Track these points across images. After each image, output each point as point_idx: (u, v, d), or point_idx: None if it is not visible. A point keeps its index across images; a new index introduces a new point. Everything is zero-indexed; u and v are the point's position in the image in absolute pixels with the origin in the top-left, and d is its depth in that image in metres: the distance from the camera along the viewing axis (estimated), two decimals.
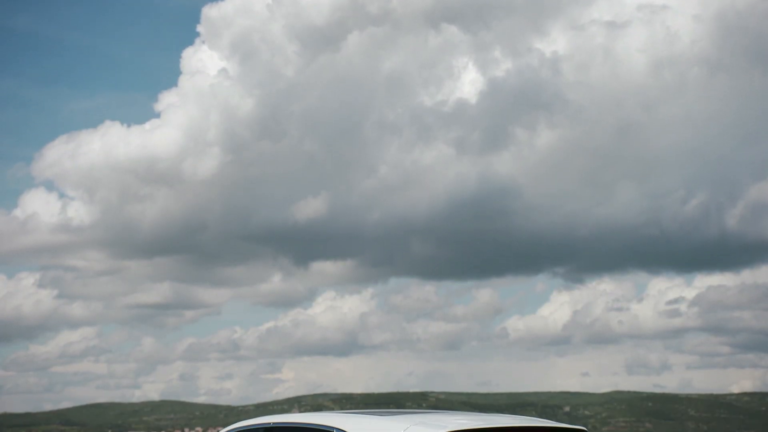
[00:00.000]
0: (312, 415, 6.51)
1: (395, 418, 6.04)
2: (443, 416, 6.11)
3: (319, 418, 6.37)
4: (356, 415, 6.29)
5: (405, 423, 5.81)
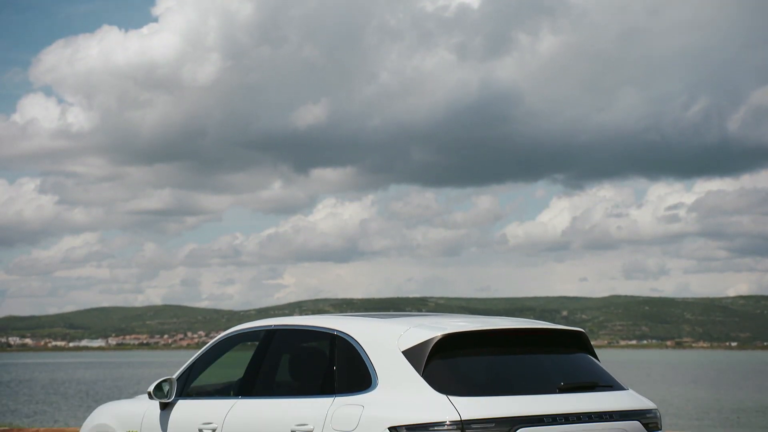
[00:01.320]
0: (313, 317, 6.60)
1: (395, 320, 6.12)
2: (442, 319, 6.19)
3: (320, 320, 6.45)
4: (357, 318, 6.37)
5: (405, 325, 5.89)
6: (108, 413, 7.77)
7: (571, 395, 5.65)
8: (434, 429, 5.23)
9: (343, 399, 5.76)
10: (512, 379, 5.69)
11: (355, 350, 5.94)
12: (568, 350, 6.09)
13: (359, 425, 5.52)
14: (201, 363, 7.24)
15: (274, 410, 6.20)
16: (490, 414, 5.29)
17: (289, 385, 6.60)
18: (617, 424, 5.67)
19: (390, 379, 5.63)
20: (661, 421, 6.03)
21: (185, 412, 6.94)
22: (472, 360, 5.73)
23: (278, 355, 6.67)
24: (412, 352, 5.64)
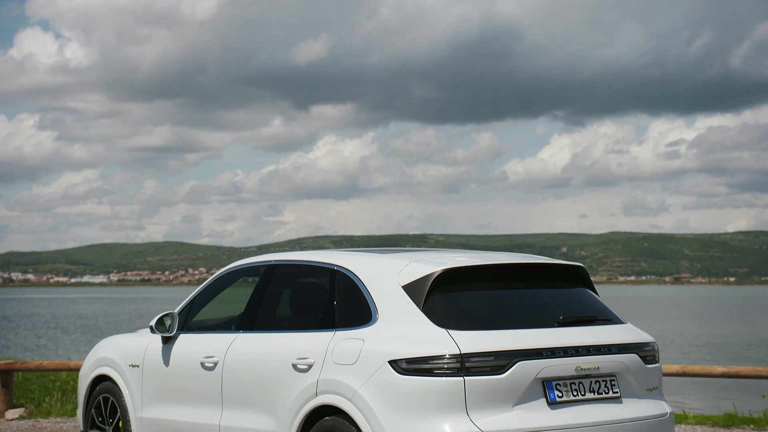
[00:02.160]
0: (313, 253, 6.61)
1: (395, 255, 6.13)
2: (442, 254, 6.20)
3: (320, 256, 6.47)
4: (357, 253, 6.39)
5: (405, 260, 5.90)
6: (110, 347, 7.83)
7: (570, 329, 5.69)
8: (434, 362, 5.27)
9: (343, 333, 5.80)
10: (511, 313, 5.72)
11: (355, 285, 5.96)
12: (567, 285, 6.11)
13: (359, 359, 5.56)
14: (202, 298, 7.27)
15: (275, 344, 6.24)
16: (489, 348, 5.32)
17: (289, 319, 6.64)
18: (615, 357, 5.71)
19: (390, 314, 5.66)
20: (659, 354, 6.08)
21: (187, 346, 6.99)
22: (471, 294, 5.76)
23: (279, 290, 6.70)
24: (412, 287, 5.66)
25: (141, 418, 7.26)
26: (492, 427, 5.23)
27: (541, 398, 5.41)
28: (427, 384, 5.26)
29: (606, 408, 5.60)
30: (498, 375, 5.30)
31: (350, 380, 5.55)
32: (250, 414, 6.24)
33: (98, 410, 7.72)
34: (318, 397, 5.74)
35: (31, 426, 10.96)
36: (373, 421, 5.37)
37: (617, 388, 5.69)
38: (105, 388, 7.67)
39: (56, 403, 12.25)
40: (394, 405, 5.32)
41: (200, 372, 6.70)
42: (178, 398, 6.94)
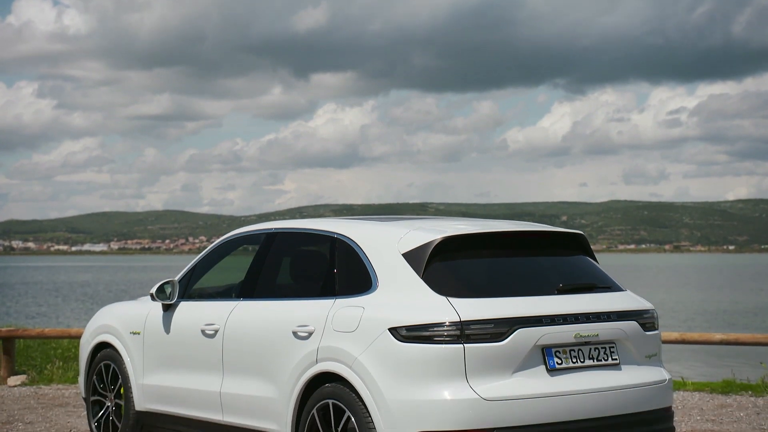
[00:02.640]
0: (314, 221, 6.61)
1: (396, 223, 6.13)
2: (443, 222, 6.20)
3: (320, 224, 6.47)
4: (357, 221, 6.38)
5: (405, 228, 5.90)
6: (111, 314, 7.86)
7: (570, 296, 5.70)
8: (434, 330, 5.29)
9: (343, 301, 5.81)
10: (511, 280, 5.73)
11: (355, 253, 5.96)
12: (567, 252, 6.11)
13: (359, 326, 5.58)
14: (202, 266, 7.28)
15: (275, 311, 6.26)
16: (489, 315, 5.34)
17: (290, 287, 6.65)
18: (615, 324, 5.73)
19: (390, 282, 5.67)
20: (658, 321, 6.10)
21: (188, 314, 7.01)
22: (471, 262, 5.77)
23: (279, 257, 6.70)
24: (412, 255, 5.67)
25: (142, 384, 7.29)
26: (491, 393, 5.25)
27: (540, 365, 5.43)
28: (427, 351, 5.28)
29: (605, 375, 5.62)
30: (498, 342, 5.31)
31: (350, 347, 5.57)
32: (251, 381, 6.27)
33: (100, 377, 7.76)
34: (318, 365, 5.76)
35: (33, 392, 11.02)
36: (373, 388, 5.40)
37: (616, 355, 5.71)
38: (106, 355, 7.70)
39: (58, 370, 12.31)
40: (394, 372, 5.34)
41: (201, 339, 6.72)
42: (178, 365, 6.97)
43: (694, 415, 9.18)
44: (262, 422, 6.17)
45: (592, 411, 5.49)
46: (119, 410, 7.58)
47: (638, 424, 5.68)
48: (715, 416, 9.14)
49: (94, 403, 7.83)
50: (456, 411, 5.21)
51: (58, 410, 9.75)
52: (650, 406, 5.76)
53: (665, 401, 5.89)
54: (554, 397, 5.38)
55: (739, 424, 8.76)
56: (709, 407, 9.65)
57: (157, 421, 7.23)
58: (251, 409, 6.25)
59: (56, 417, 9.35)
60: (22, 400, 10.45)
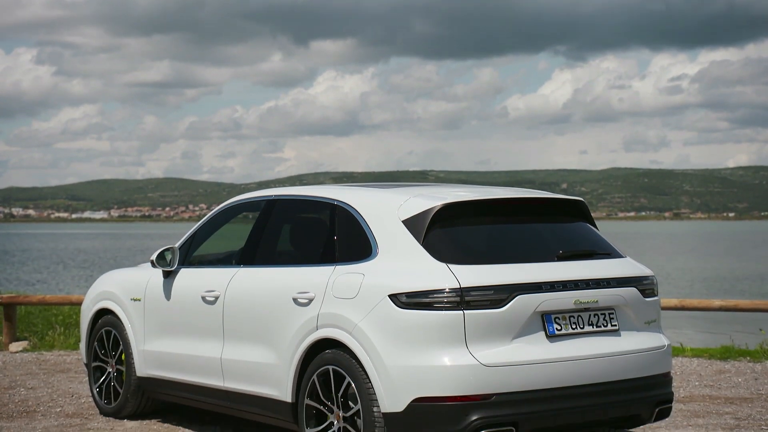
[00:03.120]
0: (314, 188, 6.60)
1: (396, 190, 6.12)
2: (443, 188, 6.19)
3: (320, 190, 6.46)
4: (357, 188, 6.38)
5: (405, 195, 5.90)
6: (112, 281, 7.87)
7: (570, 263, 5.71)
8: (434, 296, 5.30)
9: (343, 267, 5.82)
10: (511, 247, 5.74)
11: (355, 220, 5.96)
12: (567, 219, 6.12)
13: (360, 293, 5.59)
14: (203, 232, 7.28)
15: (275, 278, 6.27)
16: (488, 281, 5.35)
17: (290, 254, 6.66)
18: (614, 290, 5.74)
19: (390, 248, 5.68)
20: (657, 287, 6.11)
21: (188, 280, 7.02)
22: (471, 229, 5.77)
23: (279, 224, 6.71)
24: (412, 222, 5.67)
25: (143, 351, 7.32)
26: (491, 359, 5.27)
27: (540, 331, 5.45)
28: (427, 318, 5.30)
29: (604, 341, 5.64)
30: (497, 309, 5.33)
31: (350, 314, 5.59)
32: (251, 347, 6.30)
33: (101, 343, 7.80)
34: (318, 331, 5.78)
35: (35, 358, 11.07)
36: (373, 354, 5.42)
37: (616, 321, 5.73)
38: (107, 321, 7.73)
39: (59, 336, 12.36)
40: (394, 338, 5.36)
41: (201, 306, 6.74)
42: (179, 332, 7.00)
43: (693, 381, 9.23)
44: (262, 388, 6.20)
45: (591, 377, 5.51)
46: (120, 376, 7.62)
47: (637, 390, 5.71)
48: (714, 382, 9.19)
49: (95, 369, 7.87)
50: (455, 377, 5.23)
51: (59, 376, 9.81)
52: (649, 372, 5.79)
53: (664, 367, 5.92)
54: (554, 363, 5.40)
55: (737, 389, 8.81)
56: (707, 373, 9.70)
57: (158, 386, 7.27)
58: (252, 375, 6.28)
59: (58, 383, 9.40)
60: (24, 366, 10.51)
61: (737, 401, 8.23)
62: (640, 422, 5.86)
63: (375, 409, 5.43)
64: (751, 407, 7.95)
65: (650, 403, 5.78)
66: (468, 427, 5.21)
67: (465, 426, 5.21)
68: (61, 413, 7.92)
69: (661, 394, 5.86)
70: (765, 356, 10.61)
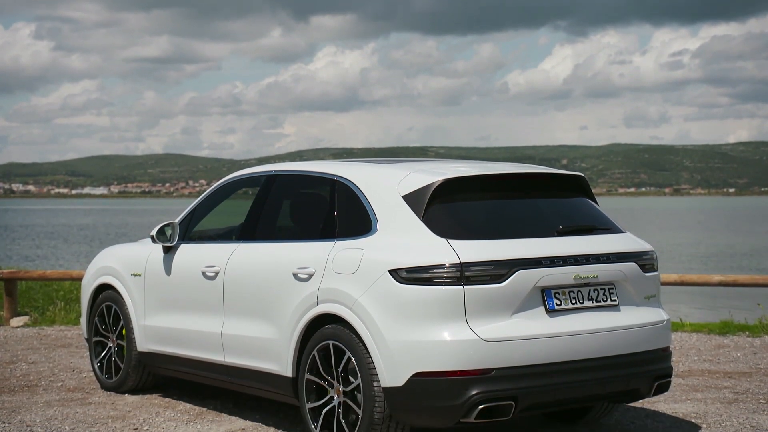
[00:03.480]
0: (314, 163, 6.59)
1: (396, 166, 6.12)
2: (443, 164, 6.19)
3: (320, 166, 6.46)
4: (357, 164, 6.37)
5: (405, 170, 5.89)
6: (112, 256, 7.88)
7: (570, 238, 5.71)
8: (434, 272, 5.31)
9: (343, 243, 5.83)
10: (511, 222, 5.74)
11: (355, 195, 5.96)
12: (567, 194, 6.11)
13: (360, 268, 5.59)
14: (203, 208, 7.29)
15: (275, 254, 6.27)
16: (489, 257, 5.35)
17: (290, 229, 6.66)
18: (614, 265, 5.74)
19: (390, 224, 5.68)
20: (657, 262, 6.11)
21: (188, 256, 7.03)
22: (472, 204, 5.77)
23: (279, 200, 6.70)
24: (412, 197, 5.66)
25: (144, 326, 7.34)
26: (491, 334, 5.29)
27: (539, 306, 5.46)
28: (427, 293, 5.31)
29: (604, 316, 5.66)
30: (497, 284, 5.34)
31: (350, 289, 5.59)
32: (252, 322, 6.31)
33: (101, 318, 7.82)
34: (318, 306, 5.79)
35: (36, 333, 11.11)
36: (373, 329, 5.44)
37: (615, 297, 5.74)
38: (108, 296, 7.74)
39: (60, 311, 12.39)
40: (394, 313, 5.37)
41: (201, 281, 6.75)
42: (180, 307, 7.02)
43: (692, 356, 9.26)
44: (263, 363, 6.22)
45: (590, 351, 5.53)
46: (121, 351, 7.65)
47: (636, 364, 5.73)
48: (713, 356, 9.22)
49: (96, 343, 7.90)
50: (455, 351, 5.25)
51: (61, 351, 9.84)
52: (648, 347, 5.80)
53: (663, 341, 5.93)
54: (553, 337, 5.41)
55: (736, 363, 8.84)
56: (706, 348, 9.73)
57: (158, 361, 7.29)
58: (252, 350, 6.30)
59: (59, 357, 9.43)
60: (25, 341, 10.54)
61: (736, 375, 8.26)
62: (639, 396, 5.88)
63: (375, 383, 5.45)
64: (750, 381, 7.98)
65: (649, 378, 5.80)
66: (468, 402, 5.23)
67: (465, 400, 5.23)
68: (62, 388, 7.96)
69: (660, 369, 5.87)
70: (764, 331, 10.64)
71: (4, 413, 7.02)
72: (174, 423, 6.69)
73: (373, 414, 5.46)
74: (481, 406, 5.23)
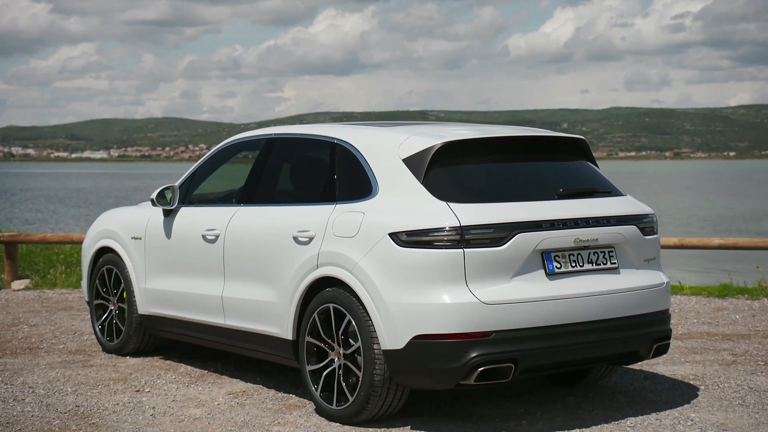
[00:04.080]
0: (314, 126, 6.58)
1: (396, 129, 6.10)
2: (443, 127, 6.17)
3: (320, 129, 6.44)
4: (357, 127, 6.35)
5: (405, 134, 5.88)
6: (112, 219, 7.88)
7: (570, 201, 5.70)
8: (434, 235, 5.31)
9: (344, 206, 5.82)
10: (512, 186, 5.73)
11: (355, 158, 5.95)
12: (567, 157, 6.10)
13: (360, 231, 5.60)
14: (202, 171, 7.28)
15: (276, 217, 6.27)
16: (488, 220, 5.35)
17: (290, 192, 6.65)
18: (614, 228, 5.74)
19: (390, 187, 5.67)
20: (657, 225, 6.12)
21: (188, 219, 7.03)
22: (472, 167, 5.76)
23: (279, 163, 6.69)
24: (412, 160, 5.65)
25: (144, 289, 7.36)
26: (490, 297, 5.30)
27: (539, 269, 5.47)
28: (427, 256, 5.31)
29: (604, 278, 5.67)
30: (497, 247, 5.34)
31: (351, 252, 5.60)
32: (252, 285, 6.33)
33: (102, 281, 7.84)
34: (319, 269, 5.80)
35: (38, 296, 11.14)
36: (373, 292, 5.45)
37: (615, 259, 5.74)
38: (108, 260, 7.76)
39: (61, 275, 12.42)
40: (395, 276, 5.38)
41: (202, 244, 6.76)
42: (180, 270, 7.03)
43: (691, 318, 9.30)
44: (264, 326, 6.24)
45: (590, 314, 5.55)
46: (122, 314, 7.68)
47: (636, 327, 5.75)
48: (712, 319, 9.25)
49: (97, 306, 7.93)
50: (455, 314, 5.26)
51: (62, 313, 9.88)
52: (648, 309, 5.82)
53: (663, 304, 5.95)
54: (553, 300, 5.43)
55: (734, 326, 8.88)
56: (705, 310, 9.76)
57: (159, 324, 7.32)
58: (253, 313, 6.33)
59: (60, 320, 9.47)
60: (27, 304, 10.58)
61: (735, 338, 8.30)
62: (638, 359, 5.91)
63: (375, 346, 5.48)
64: (748, 343, 8.02)
65: (648, 340, 5.83)
66: (467, 364, 5.25)
67: (464, 363, 5.25)
68: (64, 350, 8.00)
69: (660, 331, 5.90)
70: (763, 294, 10.67)
71: (6, 375, 7.06)
72: (175, 385, 6.73)
73: (373, 376, 5.49)
74: (481, 369, 5.26)
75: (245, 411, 6.04)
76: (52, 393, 6.52)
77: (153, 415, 5.97)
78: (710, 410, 5.95)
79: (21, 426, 5.76)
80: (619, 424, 5.65)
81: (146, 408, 6.13)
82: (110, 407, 6.16)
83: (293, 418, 5.88)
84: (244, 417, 5.90)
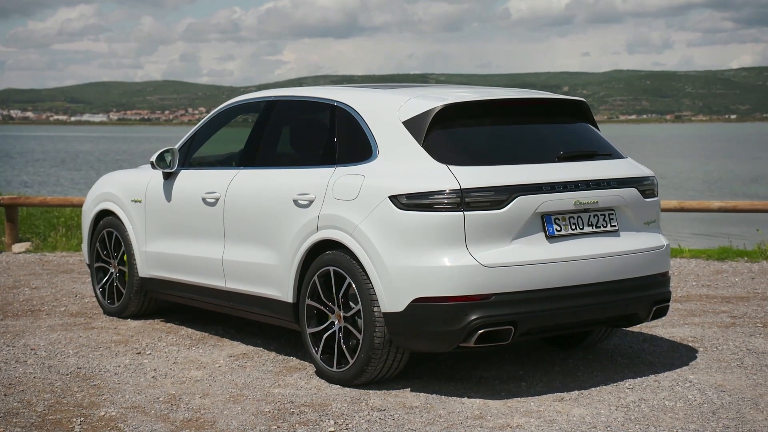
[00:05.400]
0: (313, 89, 6.55)
1: (397, 91, 6.08)
2: (444, 89, 6.14)
3: (320, 91, 6.41)
4: (357, 89, 6.33)
5: (405, 96, 5.85)
6: (112, 182, 7.88)
7: (570, 164, 5.69)
8: (434, 197, 5.30)
9: (344, 169, 5.81)
10: (512, 148, 5.72)
11: (355, 121, 5.93)
12: (568, 120, 6.08)
13: (360, 194, 5.59)
14: (202, 134, 7.25)
15: (276, 180, 6.27)
16: (489, 182, 5.35)
17: (290, 155, 6.64)
18: (615, 191, 5.74)
19: (390, 150, 5.66)
20: (657, 188, 6.11)
21: (188, 182, 7.03)
22: (472, 130, 5.74)
23: (279, 126, 6.67)
24: (412, 123, 5.63)
25: (145, 251, 7.37)
26: (491, 260, 5.31)
27: (539, 232, 5.47)
28: (427, 219, 5.31)
29: (604, 241, 5.67)
30: (497, 210, 5.34)
31: (351, 215, 5.60)
32: (253, 248, 6.33)
33: (102, 244, 7.84)
34: (319, 232, 5.80)
35: (38, 259, 11.16)
36: (373, 255, 5.46)
37: (615, 222, 5.74)
38: (108, 222, 7.76)
39: (61, 238, 12.43)
40: (395, 239, 5.39)
41: (202, 207, 6.76)
42: (180, 233, 7.03)
43: (690, 281, 9.32)
44: (264, 289, 6.26)
45: (590, 276, 5.56)
46: (123, 277, 7.69)
47: (635, 289, 5.77)
48: (711, 282, 9.28)
49: (98, 269, 7.94)
50: (455, 277, 5.27)
51: (63, 276, 9.90)
52: (647, 272, 5.83)
53: (662, 267, 5.96)
54: (553, 263, 5.44)
55: (733, 288, 8.90)
56: (705, 273, 9.78)
57: (160, 287, 7.34)
58: (253, 276, 6.34)
59: (61, 283, 9.50)
60: (27, 267, 10.60)
61: (734, 300, 8.32)
62: (637, 321, 5.93)
63: (375, 309, 5.49)
64: (747, 306, 8.05)
65: (648, 303, 5.85)
66: (467, 327, 5.27)
67: (464, 325, 5.27)
68: (65, 312, 8.03)
69: (659, 294, 5.91)
70: (762, 256, 10.69)
71: (8, 337, 7.09)
72: (176, 347, 6.77)
73: (373, 339, 5.52)
74: (481, 331, 5.28)
75: (246, 373, 6.07)
76: (54, 355, 6.55)
77: (154, 377, 6.00)
78: (708, 372, 5.98)
79: (23, 387, 5.79)
80: (618, 386, 5.68)
81: (147, 370, 6.17)
82: (111, 369, 6.19)
83: (293, 380, 5.91)
84: (245, 379, 5.93)
